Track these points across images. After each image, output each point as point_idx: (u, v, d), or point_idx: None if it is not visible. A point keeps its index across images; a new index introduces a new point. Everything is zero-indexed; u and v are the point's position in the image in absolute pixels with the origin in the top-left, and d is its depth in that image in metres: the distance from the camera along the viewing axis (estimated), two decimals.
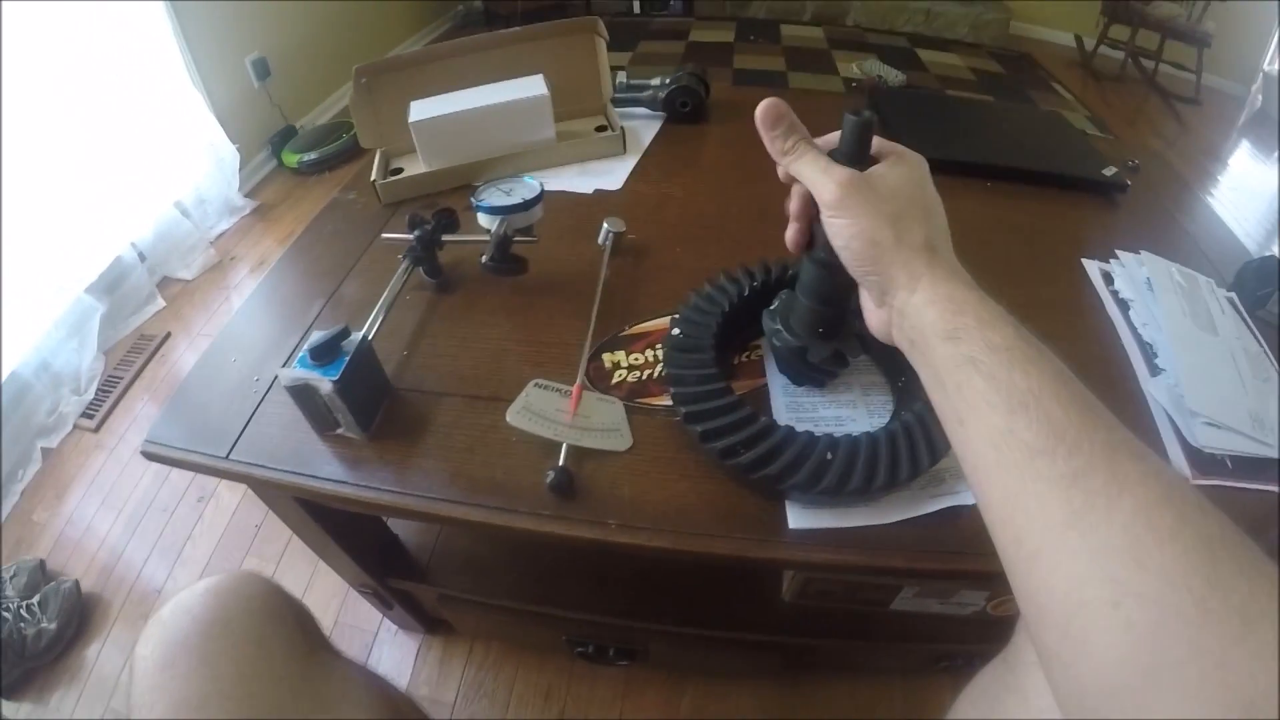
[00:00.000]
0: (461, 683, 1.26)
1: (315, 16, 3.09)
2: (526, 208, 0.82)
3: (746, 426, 0.61)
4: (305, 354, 0.64)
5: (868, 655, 1.18)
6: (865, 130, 0.51)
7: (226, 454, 0.69)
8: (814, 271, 0.61)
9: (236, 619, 0.61)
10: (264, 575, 0.68)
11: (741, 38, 4.38)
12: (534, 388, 0.69)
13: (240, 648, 0.60)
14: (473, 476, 0.66)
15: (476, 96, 1.04)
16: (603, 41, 1.15)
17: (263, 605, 0.64)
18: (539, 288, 0.87)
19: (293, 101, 3.00)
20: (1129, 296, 0.90)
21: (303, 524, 0.87)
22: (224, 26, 2.57)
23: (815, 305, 0.63)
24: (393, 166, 1.10)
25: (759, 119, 0.52)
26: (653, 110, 1.25)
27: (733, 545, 0.61)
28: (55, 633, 1.31)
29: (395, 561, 1.04)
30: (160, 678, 0.57)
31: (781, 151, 0.52)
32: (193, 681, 0.56)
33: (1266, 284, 0.90)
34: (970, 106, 1.83)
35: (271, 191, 2.77)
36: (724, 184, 1.10)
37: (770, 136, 0.52)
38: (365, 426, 0.68)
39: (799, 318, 0.66)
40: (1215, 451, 0.71)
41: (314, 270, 0.93)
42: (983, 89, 3.86)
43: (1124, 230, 1.04)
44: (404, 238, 0.85)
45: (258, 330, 0.85)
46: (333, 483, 0.66)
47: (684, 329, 0.71)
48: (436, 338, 0.81)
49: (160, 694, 0.56)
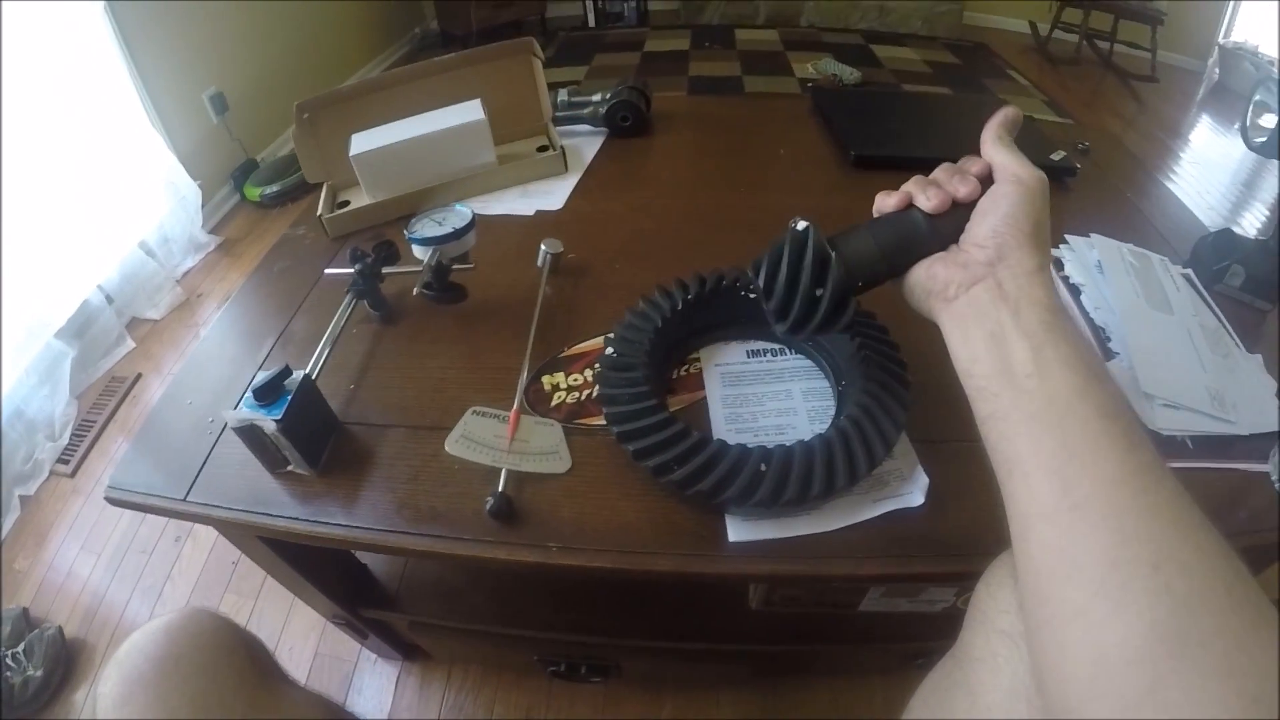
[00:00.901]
0: (442, 707, 1.26)
1: (271, 49, 3.10)
2: (458, 236, 0.83)
3: (678, 443, 0.62)
4: (250, 395, 0.65)
5: (843, 657, 1.18)
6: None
7: (184, 496, 0.69)
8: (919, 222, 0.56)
9: (187, 654, 0.63)
10: (215, 611, 0.70)
11: (696, 45, 4.42)
12: (472, 415, 0.70)
13: (192, 681, 0.62)
14: (417, 506, 0.66)
15: (416, 125, 1.05)
16: (539, 62, 1.16)
17: (213, 639, 0.66)
18: (479, 314, 0.88)
19: (252, 135, 3.00)
20: (1079, 281, 0.91)
21: (269, 560, 0.87)
22: (179, 64, 2.58)
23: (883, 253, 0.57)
24: (340, 199, 1.11)
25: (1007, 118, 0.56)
26: (594, 126, 1.27)
27: (674, 561, 0.62)
28: (41, 680, 1.31)
29: (365, 591, 1.04)
30: (119, 714, 0.59)
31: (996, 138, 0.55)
32: (149, 715, 0.58)
33: (1224, 257, 0.91)
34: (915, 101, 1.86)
35: (235, 226, 2.77)
36: (666, 196, 1.12)
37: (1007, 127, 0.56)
38: (314, 463, 0.69)
39: (858, 255, 0.57)
40: (1175, 433, 0.71)
41: (264, 309, 0.94)
42: (939, 81, 3.91)
43: (1074, 214, 1.05)
44: (348, 272, 0.86)
45: (213, 370, 0.85)
46: (286, 519, 0.67)
47: (618, 348, 0.72)
48: (381, 370, 0.82)
49: None
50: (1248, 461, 0.69)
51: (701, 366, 0.78)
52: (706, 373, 0.77)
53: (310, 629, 1.39)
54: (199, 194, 2.55)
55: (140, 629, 0.65)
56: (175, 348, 2.18)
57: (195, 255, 2.54)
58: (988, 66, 4.16)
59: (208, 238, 2.60)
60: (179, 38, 2.56)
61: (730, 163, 1.19)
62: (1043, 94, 3.76)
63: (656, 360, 0.73)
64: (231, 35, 2.85)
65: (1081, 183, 1.14)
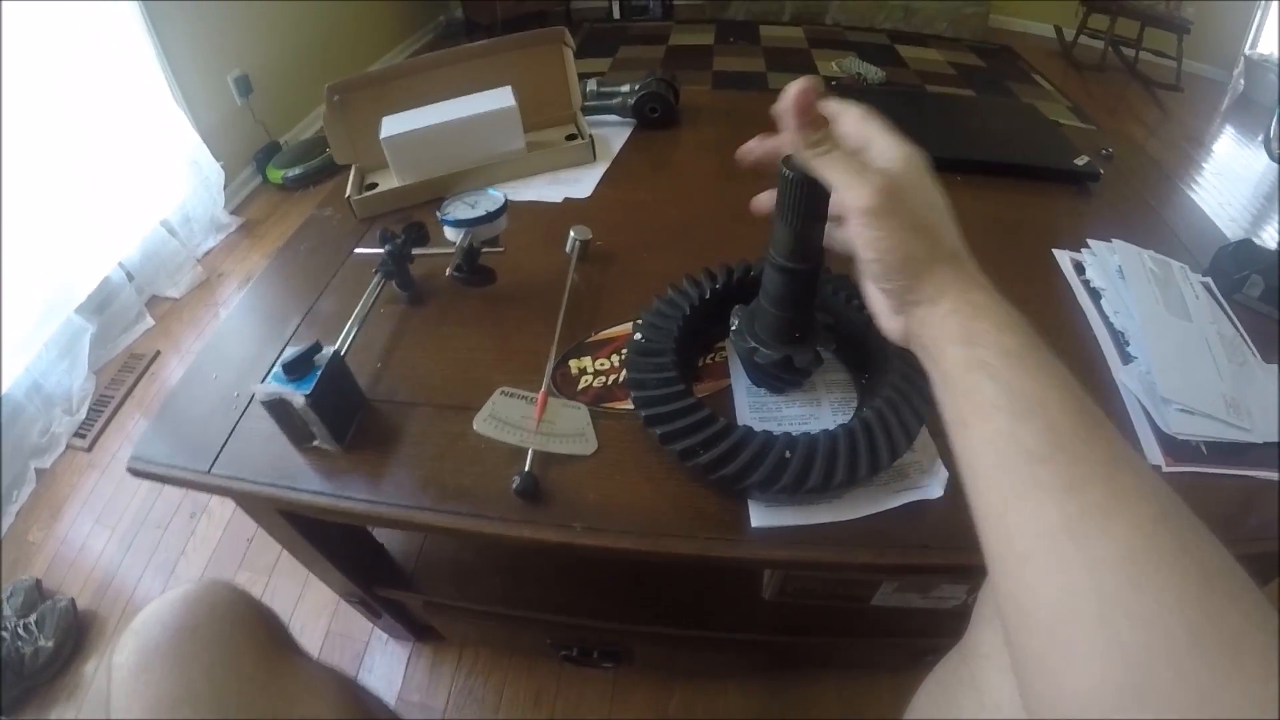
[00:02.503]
0: (452, 689, 1.27)
1: (296, 32, 3.12)
2: (490, 219, 0.83)
3: (705, 428, 0.63)
4: (279, 369, 0.65)
5: (852, 651, 1.19)
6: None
7: (209, 468, 0.70)
8: (777, 278, 0.62)
9: (204, 625, 0.64)
10: (232, 583, 0.71)
11: (721, 40, 4.42)
12: (500, 395, 0.70)
13: (209, 651, 0.62)
14: (443, 484, 0.67)
15: (446, 110, 1.06)
16: (569, 51, 1.16)
17: (229, 611, 0.67)
18: (507, 297, 0.88)
19: (276, 117, 3.02)
20: (1100, 285, 0.91)
21: (287, 536, 0.88)
22: (206, 45, 2.59)
23: (780, 312, 0.64)
24: (368, 182, 1.12)
25: (788, 102, 0.47)
26: (623, 117, 1.27)
27: (696, 545, 0.62)
28: (53, 650, 1.33)
29: (381, 571, 1.05)
30: (135, 683, 0.59)
31: (808, 144, 0.47)
32: (165, 685, 0.59)
33: (1243, 267, 0.91)
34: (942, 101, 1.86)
35: (257, 208, 2.79)
36: (692, 189, 1.12)
37: (799, 124, 0.48)
38: (340, 439, 0.70)
39: (764, 323, 0.67)
40: (1189, 438, 0.71)
41: (291, 287, 0.94)
42: (963, 83, 3.89)
43: (1096, 219, 1.05)
44: (377, 252, 0.87)
45: (237, 346, 0.86)
46: (310, 494, 0.68)
47: (646, 334, 0.72)
48: (409, 349, 0.82)
49: (135, 698, 0.58)
50: (1261, 469, 0.69)
51: (727, 355, 0.79)
52: (731, 362, 0.78)
53: (323, 607, 1.40)
54: (222, 174, 2.57)
55: (158, 598, 0.66)
56: (194, 326, 2.20)
57: (216, 235, 2.56)
58: (1012, 70, 4.14)
59: (229, 218, 2.63)
60: (206, 20, 2.58)
61: None
62: (1067, 99, 3.75)
63: (684, 347, 0.73)
64: (258, 19, 2.87)
65: (1105, 188, 1.13)
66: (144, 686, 0.59)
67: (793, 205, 0.55)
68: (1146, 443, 0.72)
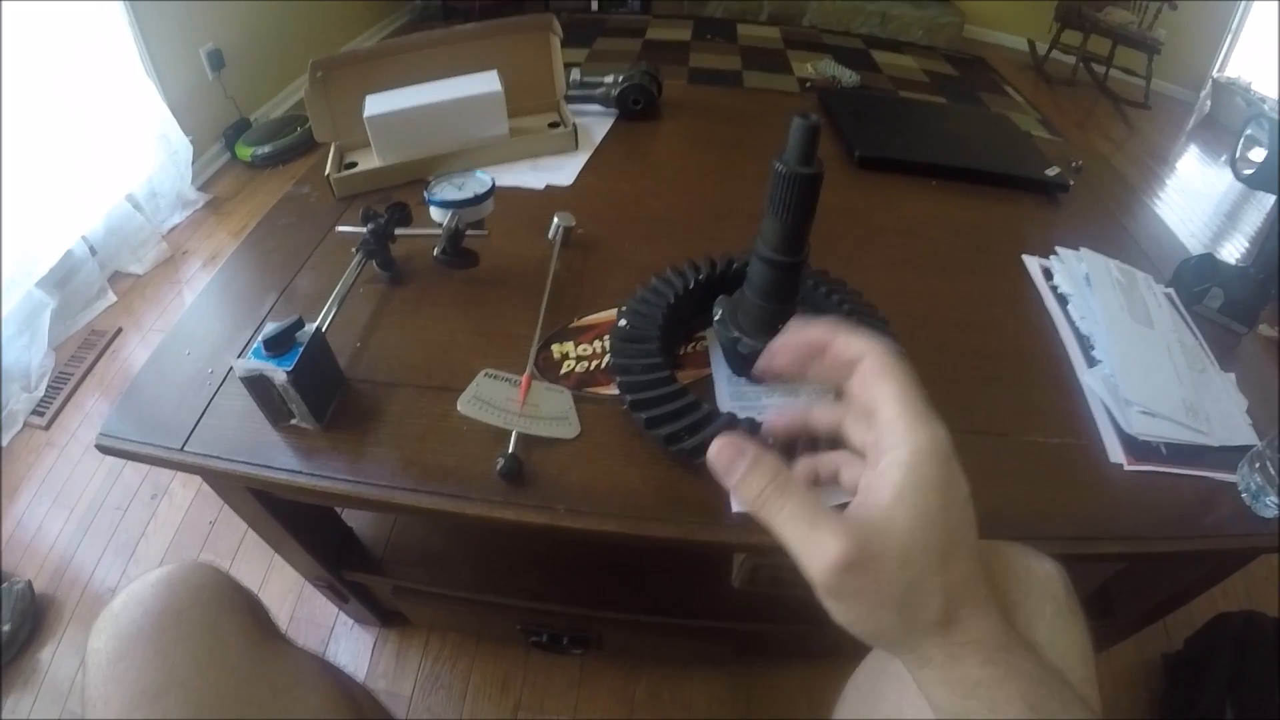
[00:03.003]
0: (418, 675, 1.27)
1: (271, 8, 3.06)
2: (478, 202, 0.83)
3: (690, 414, 0.64)
4: (260, 345, 0.64)
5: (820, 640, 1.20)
6: (812, 135, 0.53)
7: (181, 446, 0.69)
8: (764, 271, 0.63)
9: (189, 608, 0.60)
10: (215, 565, 0.68)
11: (698, 36, 4.42)
12: (484, 377, 0.70)
13: (194, 637, 0.59)
14: (425, 465, 0.67)
15: (431, 92, 1.05)
16: (557, 39, 1.16)
17: (214, 594, 0.63)
18: (490, 281, 0.88)
19: (247, 94, 2.96)
20: (1068, 291, 0.93)
21: (257, 517, 0.87)
22: (179, 17, 2.54)
23: (766, 304, 0.65)
24: (347, 160, 1.11)
25: (713, 464, 0.39)
26: (605, 107, 1.27)
27: (678, 529, 0.63)
28: (9, 635, 1.29)
29: (350, 554, 1.05)
30: (114, 670, 0.56)
31: (751, 500, 0.38)
32: (148, 672, 0.56)
33: (1204, 280, 0.94)
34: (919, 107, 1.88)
35: (225, 185, 2.74)
36: (673, 181, 1.13)
37: (732, 484, 0.39)
38: (319, 417, 0.69)
39: (748, 315, 0.68)
40: (1150, 439, 0.74)
41: (268, 264, 0.93)
42: (936, 91, 3.95)
43: (1065, 228, 1.08)
44: (357, 231, 0.86)
45: (211, 323, 0.85)
46: (287, 473, 0.67)
47: (631, 320, 0.73)
48: (389, 329, 0.82)
49: (115, 686, 0.55)
50: (1217, 471, 0.72)
51: (708, 345, 0.79)
52: (713, 351, 0.78)
53: (288, 591, 1.38)
54: (190, 149, 2.52)
55: (138, 580, 0.62)
56: (157, 304, 2.15)
57: (182, 211, 2.51)
58: (984, 80, 4.20)
59: (196, 194, 2.57)
60: None
61: (737, 153, 1.20)
62: (1037, 111, 3.81)
63: (667, 335, 0.74)
64: None
65: (1073, 199, 1.17)
66: (123, 673, 0.55)
67: (783, 200, 0.56)
68: (1110, 443, 0.74)
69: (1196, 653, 1.25)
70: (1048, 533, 0.65)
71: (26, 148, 1.95)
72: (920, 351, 0.76)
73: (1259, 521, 0.68)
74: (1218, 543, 0.68)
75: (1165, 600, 0.97)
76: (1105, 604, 1.02)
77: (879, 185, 1.16)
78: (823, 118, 1.30)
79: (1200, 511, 0.69)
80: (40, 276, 1.99)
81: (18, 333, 1.88)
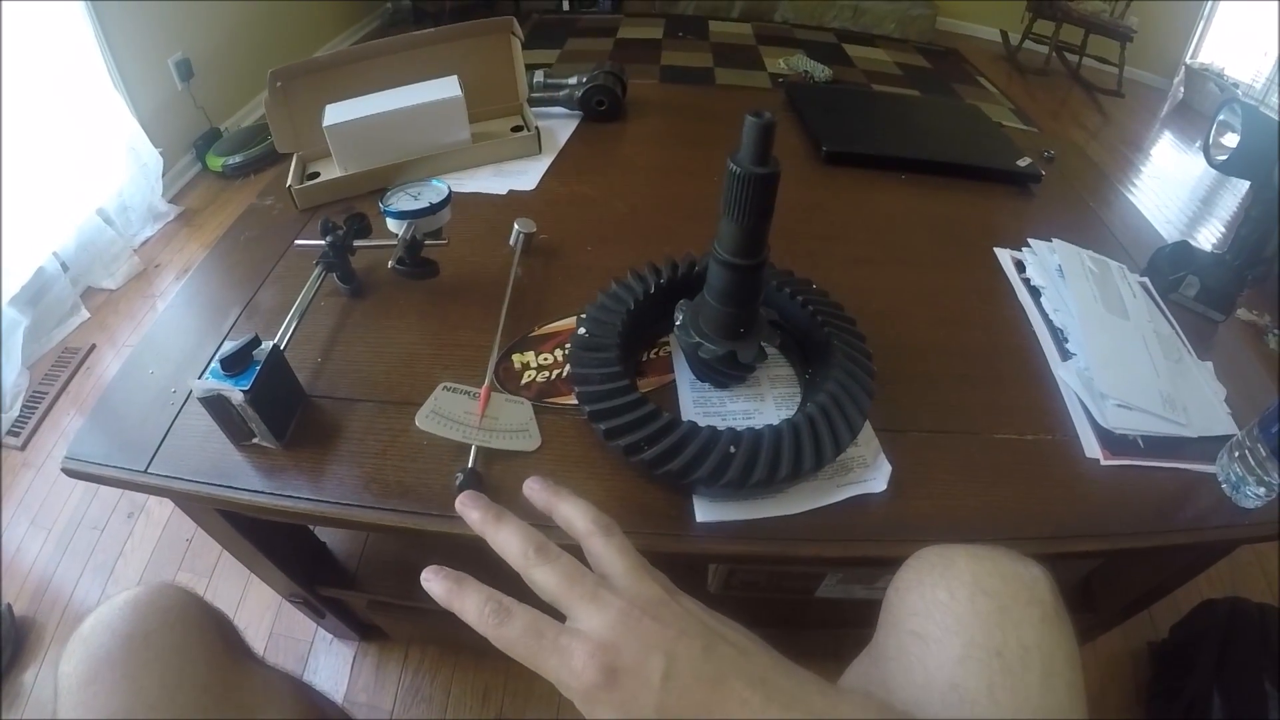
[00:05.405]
0: (399, 688, 1.26)
1: (240, 16, 3.03)
2: (434, 211, 0.82)
3: (649, 424, 0.63)
4: (217, 364, 0.63)
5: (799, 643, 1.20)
6: (766, 133, 0.52)
7: (145, 467, 0.68)
8: (722, 274, 0.62)
9: (156, 631, 0.60)
10: (183, 586, 0.67)
11: (670, 34, 4.41)
12: (443, 391, 0.69)
13: (162, 659, 0.59)
14: (385, 481, 0.66)
15: (391, 99, 1.04)
16: (518, 41, 1.15)
17: (182, 616, 0.63)
18: (450, 290, 0.87)
19: (217, 103, 2.93)
20: (1040, 283, 0.93)
21: (227, 536, 0.86)
22: (146, 26, 2.50)
23: (726, 307, 0.65)
24: (310, 170, 1.09)
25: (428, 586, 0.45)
26: (570, 109, 1.26)
27: (642, 540, 0.61)
28: None
29: (323, 569, 1.04)
30: (84, 694, 0.56)
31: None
32: (117, 695, 0.56)
33: (1179, 268, 0.94)
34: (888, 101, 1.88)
35: (196, 196, 2.71)
36: (638, 182, 1.12)
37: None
38: (280, 435, 0.68)
39: (709, 319, 0.67)
40: (1127, 432, 0.73)
41: (230, 279, 0.92)
42: (909, 83, 3.95)
43: (1037, 219, 1.08)
44: (318, 244, 0.85)
45: (175, 340, 0.83)
46: (250, 493, 0.66)
47: (590, 328, 0.72)
48: (350, 344, 0.81)
49: (85, 710, 0.55)
50: (1196, 462, 0.72)
51: (671, 351, 0.79)
52: (675, 357, 0.78)
53: (266, 608, 1.37)
54: (160, 161, 2.49)
55: (106, 603, 0.62)
56: (131, 319, 2.13)
57: (154, 225, 2.48)
58: (958, 72, 4.21)
59: (167, 207, 2.54)
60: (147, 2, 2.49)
61: (703, 152, 1.19)
62: (1010, 101, 3.83)
63: (628, 342, 0.73)
64: (201, 2, 2.77)
65: (1046, 189, 1.17)
66: (93, 698, 0.55)
67: (739, 202, 0.55)
68: (1085, 438, 0.73)
69: (1182, 641, 1.25)
70: (1025, 533, 0.65)
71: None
72: (889, 349, 0.77)
73: (1240, 512, 0.68)
74: (1198, 536, 0.67)
75: (1148, 591, 0.97)
76: (1088, 597, 1.02)
77: (847, 181, 1.15)
78: (790, 114, 1.31)
79: (1180, 504, 0.69)
80: (12, 294, 1.96)
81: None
